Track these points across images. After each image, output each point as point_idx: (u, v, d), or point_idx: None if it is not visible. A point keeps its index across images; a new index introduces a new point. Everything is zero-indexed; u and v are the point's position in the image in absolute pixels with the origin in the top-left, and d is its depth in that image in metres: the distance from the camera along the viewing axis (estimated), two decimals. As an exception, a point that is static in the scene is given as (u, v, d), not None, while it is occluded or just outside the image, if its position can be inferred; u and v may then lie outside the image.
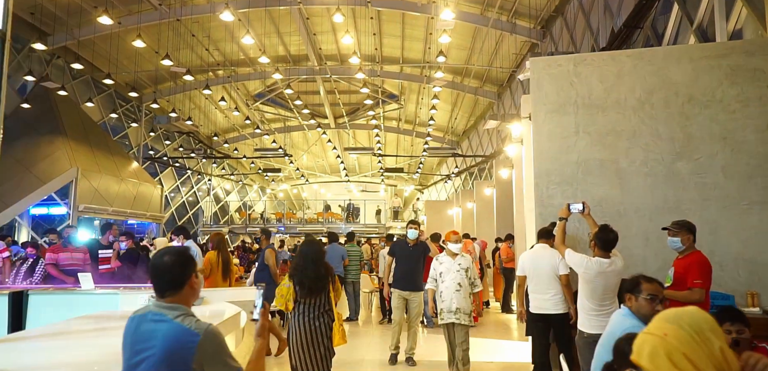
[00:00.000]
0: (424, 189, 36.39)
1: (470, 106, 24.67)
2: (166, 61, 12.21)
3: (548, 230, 4.78)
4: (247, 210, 28.59)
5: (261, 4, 16.36)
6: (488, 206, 14.05)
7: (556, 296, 4.54)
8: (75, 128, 15.55)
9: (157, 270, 1.85)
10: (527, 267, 4.75)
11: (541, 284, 4.58)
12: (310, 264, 3.71)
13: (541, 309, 4.60)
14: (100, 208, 14.58)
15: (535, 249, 4.81)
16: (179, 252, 1.90)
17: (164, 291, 1.86)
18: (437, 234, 8.11)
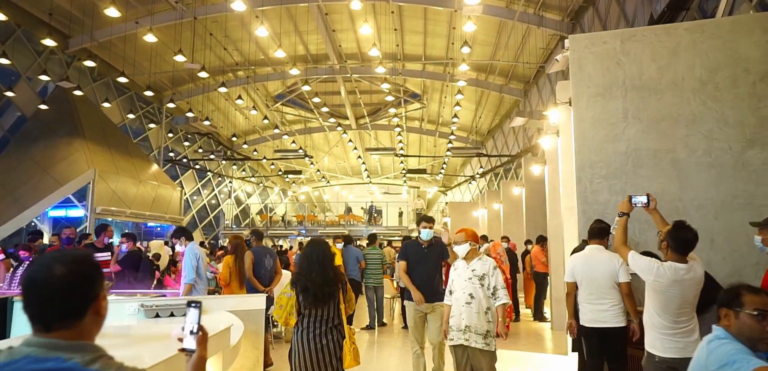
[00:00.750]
0: (447, 191, 35.59)
1: (495, 105, 23.85)
2: (180, 57, 11.91)
3: (604, 228, 4.04)
4: (269, 213, 28.37)
5: (278, 1, 16.01)
6: (516, 207, 13.29)
7: (615, 307, 3.82)
8: (94, 130, 15.46)
9: (40, 289, 1.13)
10: (579, 272, 3.99)
11: (597, 293, 3.84)
12: (315, 267, 3.12)
13: (596, 322, 3.84)
14: (118, 210, 14.41)
15: (587, 251, 4.04)
16: (78, 259, 1.17)
17: (51, 322, 1.13)
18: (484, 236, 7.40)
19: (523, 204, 11.05)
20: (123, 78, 16.22)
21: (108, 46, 18.28)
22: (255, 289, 5.56)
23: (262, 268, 5.72)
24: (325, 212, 29.44)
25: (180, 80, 21.55)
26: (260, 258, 5.75)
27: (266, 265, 5.76)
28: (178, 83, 21.93)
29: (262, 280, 5.70)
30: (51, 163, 13.72)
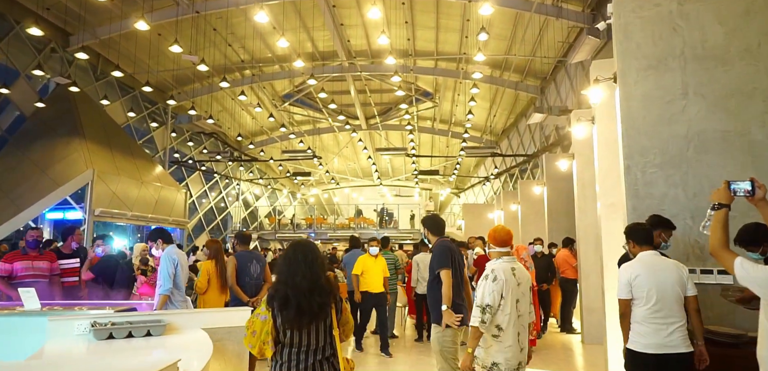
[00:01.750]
0: (460, 193, 34.70)
1: (510, 103, 22.97)
2: (176, 48, 11.29)
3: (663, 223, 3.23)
4: (277, 216, 27.77)
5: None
6: (536, 207, 12.43)
7: (683, 327, 3.00)
8: (95, 130, 14.95)
9: None
10: (643, 286, 3.08)
11: (665, 310, 3.01)
12: (300, 267, 2.30)
13: (663, 348, 3.00)
14: (118, 213, 13.85)
15: (649, 258, 3.16)
16: None
17: None
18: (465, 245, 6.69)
19: (545, 204, 10.21)
20: (121, 74, 15.69)
21: (110, 44, 17.83)
22: (239, 301, 4.86)
23: (246, 276, 5.01)
24: (335, 215, 28.75)
25: (185, 79, 21.05)
26: (245, 265, 5.04)
27: (252, 272, 5.03)
28: (183, 82, 21.43)
29: (247, 289, 5.00)
30: (49, 163, 13.21)
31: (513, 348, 3.13)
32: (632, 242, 3.23)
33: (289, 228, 26.50)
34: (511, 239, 3.37)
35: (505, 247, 3.33)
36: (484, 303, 3.12)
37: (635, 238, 3.21)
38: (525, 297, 3.27)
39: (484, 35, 13.81)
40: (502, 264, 3.23)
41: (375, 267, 6.87)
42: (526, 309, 3.25)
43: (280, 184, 32.07)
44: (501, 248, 3.33)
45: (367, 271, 6.84)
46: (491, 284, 3.16)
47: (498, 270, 3.20)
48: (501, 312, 3.14)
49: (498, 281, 3.15)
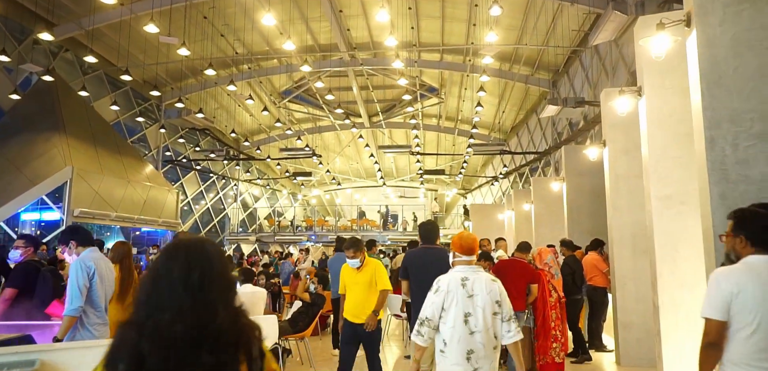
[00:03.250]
0: (467, 193, 33.57)
1: (519, 99, 21.86)
2: (151, 28, 10.28)
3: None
4: (277, 218, 26.78)
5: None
6: (551, 207, 11.34)
7: None
8: (78, 126, 14.03)
9: None
10: (748, 304, 2.10)
11: None
12: (174, 297, 1.19)
13: None
14: (100, 213, 12.89)
15: (760, 265, 2.14)
16: None
17: None
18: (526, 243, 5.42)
19: (565, 201, 9.11)
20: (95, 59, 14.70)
21: (100, 37, 16.94)
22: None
23: None
24: (337, 216, 27.73)
25: (180, 75, 20.14)
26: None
27: None
28: (178, 78, 20.52)
29: None
30: (26, 160, 12.28)
31: (458, 367, 2.84)
32: (744, 237, 2.17)
33: (288, 231, 25.53)
34: (476, 247, 3.16)
35: (469, 256, 3.07)
36: (423, 316, 2.95)
37: (751, 231, 2.15)
38: (481, 311, 2.85)
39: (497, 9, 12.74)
40: (452, 274, 3.00)
41: (356, 286, 4.68)
42: (482, 326, 2.84)
43: (281, 185, 31.10)
44: (466, 256, 3.07)
45: (348, 290, 4.77)
46: (432, 295, 2.97)
47: (443, 281, 2.99)
48: (443, 325, 2.90)
49: (439, 292, 2.95)
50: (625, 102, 4.28)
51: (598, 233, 8.34)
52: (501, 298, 2.91)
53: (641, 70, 4.02)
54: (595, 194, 8.67)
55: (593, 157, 6.25)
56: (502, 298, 2.91)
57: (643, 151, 4.10)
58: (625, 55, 13.42)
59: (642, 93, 4.02)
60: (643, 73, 4.00)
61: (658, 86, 3.93)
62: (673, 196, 3.74)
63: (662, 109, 3.86)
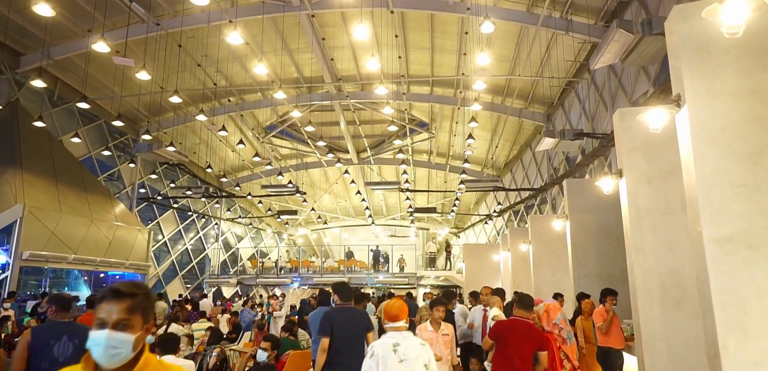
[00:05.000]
0: (460, 232, 32.49)
1: (513, 133, 21.14)
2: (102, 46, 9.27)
3: None
4: (260, 259, 25.44)
5: (263, 12, 13.70)
6: (552, 247, 10.30)
7: None
8: (38, 160, 12.93)
9: None
10: None
11: None
12: None
13: None
14: (54, 256, 11.65)
15: None
16: None
17: None
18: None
19: (569, 243, 8.08)
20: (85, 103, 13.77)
21: (72, 68, 16.08)
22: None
23: (45, 361, 2.96)
24: (323, 257, 26.44)
25: (159, 109, 19.22)
26: (45, 342, 3.00)
27: (55, 355, 2.98)
28: (157, 112, 19.61)
29: None
30: (-27, 197, 11.12)
31: None
32: None
33: (273, 272, 24.18)
34: (402, 313, 3.29)
35: (396, 322, 3.27)
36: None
37: None
38: None
39: (486, 57, 11.99)
40: (384, 340, 3.20)
41: None
42: None
43: (266, 224, 29.86)
44: (393, 323, 3.28)
45: None
46: (368, 360, 3.15)
47: (376, 347, 3.18)
48: None
49: (374, 357, 3.13)
50: (657, 117, 3.33)
51: (608, 278, 7.30)
52: (429, 363, 3.07)
53: (679, 73, 3.09)
54: (603, 233, 7.69)
55: (608, 189, 5.28)
56: (431, 363, 3.07)
57: (686, 179, 3.12)
58: (625, 84, 12.69)
59: (682, 102, 3.08)
60: (681, 76, 3.07)
61: (704, 92, 3.00)
62: (735, 238, 2.75)
63: (711, 121, 2.92)
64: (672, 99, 3.17)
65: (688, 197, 3.10)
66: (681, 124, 3.10)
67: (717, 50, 3.05)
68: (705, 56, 3.03)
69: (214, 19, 14.22)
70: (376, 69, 14.29)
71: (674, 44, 3.15)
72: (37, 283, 11.94)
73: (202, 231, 24.09)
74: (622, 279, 7.45)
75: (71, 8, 13.52)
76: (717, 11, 2.43)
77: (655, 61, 8.81)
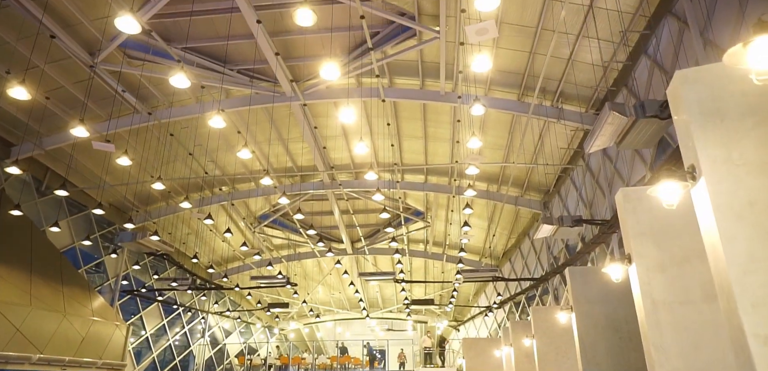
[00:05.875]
0: (459, 325, 31.10)
1: (510, 222, 20.76)
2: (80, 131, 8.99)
3: None
4: (248, 356, 23.99)
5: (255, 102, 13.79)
6: (558, 342, 9.50)
7: None
8: (14, 251, 12.35)
9: None
10: None
11: None
12: None
13: None
14: (16, 356, 10.72)
15: None
16: None
17: None
18: None
19: (576, 338, 7.36)
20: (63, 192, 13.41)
21: (63, 158, 15.93)
22: None
23: None
24: (315, 353, 24.99)
25: (149, 198, 18.92)
26: None
27: None
28: (147, 202, 19.29)
29: None
30: (-64, 291, 10.42)
31: None
32: None
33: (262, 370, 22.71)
34: None
35: None
36: None
37: None
38: None
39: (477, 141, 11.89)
40: None
41: None
42: None
43: (256, 317, 28.56)
44: None
45: None
46: None
47: None
48: None
49: None
50: (670, 192, 2.92)
51: (623, 379, 6.54)
52: None
53: (690, 142, 2.71)
54: (613, 328, 7.02)
55: (617, 277, 4.75)
56: None
57: (714, 265, 2.64)
58: (620, 169, 12.49)
59: (698, 174, 2.68)
60: (693, 146, 2.69)
61: (723, 161, 2.61)
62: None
63: (737, 196, 2.51)
64: (686, 171, 2.77)
65: (719, 286, 2.60)
66: (699, 199, 2.68)
67: (731, 116, 2.70)
68: (718, 123, 2.68)
69: (207, 109, 14.30)
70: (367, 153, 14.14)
71: (681, 111, 2.82)
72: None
73: (188, 326, 22.90)
74: (637, 379, 6.69)
75: (65, 99, 13.59)
76: (740, 55, 2.09)
77: (650, 145, 8.59)
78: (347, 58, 12.29)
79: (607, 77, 11.69)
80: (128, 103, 13.72)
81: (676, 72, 2.86)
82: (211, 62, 12.57)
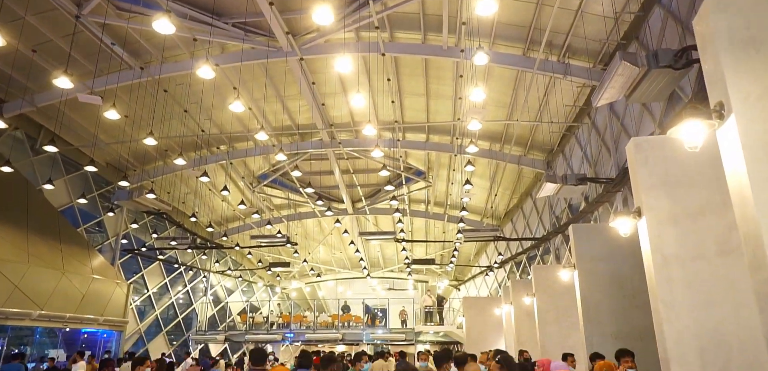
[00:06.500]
0: (460, 285, 31.31)
1: (512, 181, 20.49)
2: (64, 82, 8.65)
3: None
4: (251, 313, 24.23)
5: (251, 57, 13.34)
6: (558, 301, 9.38)
7: None
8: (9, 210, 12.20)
9: None
10: None
11: None
12: None
13: None
14: (16, 313, 10.70)
15: None
16: None
17: None
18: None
19: (578, 296, 7.20)
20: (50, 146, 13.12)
21: (54, 115, 15.61)
22: None
23: None
24: (317, 311, 25.22)
25: (146, 157, 18.67)
26: None
27: None
28: (145, 161, 19.05)
29: None
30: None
31: None
32: None
33: (263, 328, 22.95)
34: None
35: None
36: None
37: None
38: None
39: (480, 92, 11.46)
40: None
41: None
42: None
43: (257, 276, 28.74)
44: None
45: None
46: None
47: None
48: None
49: None
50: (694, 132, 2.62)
51: (625, 338, 6.40)
52: None
53: (720, 75, 2.41)
54: (617, 285, 6.85)
55: (625, 231, 4.50)
56: None
57: (740, 212, 2.38)
58: (627, 126, 12.14)
59: (727, 112, 2.38)
60: (723, 79, 2.39)
61: (757, 96, 2.31)
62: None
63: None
64: (712, 109, 2.48)
65: (746, 235, 2.35)
66: (727, 139, 2.40)
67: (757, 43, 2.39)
68: (752, 53, 2.38)
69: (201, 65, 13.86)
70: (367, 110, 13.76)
71: (710, 42, 2.50)
72: None
73: (190, 285, 23.04)
74: (640, 338, 6.56)
75: (54, 53, 13.17)
76: None
77: (661, 98, 8.23)
78: (346, 10, 11.79)
79: (618, 28, 11.19)
80: (119, 58, 13.30)
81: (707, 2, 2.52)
82: (203, 14, 12.08)
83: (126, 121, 15.66)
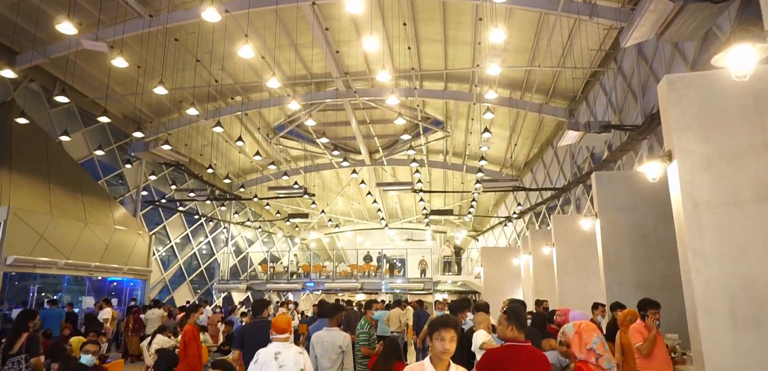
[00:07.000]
0: (479, 235, 31.27)
1: (532, 131, 19.94)
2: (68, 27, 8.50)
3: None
4: (271, 263, 24.72)
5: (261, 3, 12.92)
6: (578, 251, 9.17)
7: None
8: (30, 161, 12.38)
9: None
10: None
11: None
12: None
13: None
14: (42, 261, 11.02)
15: None
16: None
17: None
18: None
19: (599, 245, 6.96)
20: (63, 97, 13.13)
21: (70, 67, 15.58)
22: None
23: None
24: (336, 261, 25.58)
25: (162, 109, 18.67)
26: None
27: None
28: (162, 113, 19.07)
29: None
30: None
31: None
32: None
33: (284, 277, 23.44)
34: (288, 327, 3.80)
35: (281, 335, 3.76)
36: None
37: None
38: None
39: (501, 33, 10.89)
40: (268, 348, 3.69)
41: None
42: None
43: (277, 227, 29.17)
44: (279, 335, 3.75)
45: None
46: (253, 365, 3.64)
47: (260, 353, 3.68)
48: None
49: (257, 362, 3.63)
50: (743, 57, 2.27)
51: (647, 288, 6.19)
52: (305, 367, 3.61)
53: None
54: (640, 235, 6.59)
55: (654, 176, 4.19)
56: (307, 367, 3.61)
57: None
58: (656, 70, 11.49)
59: None
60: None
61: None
62: None
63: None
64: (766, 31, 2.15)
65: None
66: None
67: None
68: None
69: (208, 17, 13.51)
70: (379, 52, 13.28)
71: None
72: (26, 289, 11.39)
73: (212, 236, 23.50)
74: (663, 287, 6.34)
75: (64, 3, 12.98)
76: None
77: (695, 36, 7.65)
78: (359, -51, 11.20)
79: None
80: (126, 5, 13.04)
81: None
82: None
83: (139, 71, 15.55)
